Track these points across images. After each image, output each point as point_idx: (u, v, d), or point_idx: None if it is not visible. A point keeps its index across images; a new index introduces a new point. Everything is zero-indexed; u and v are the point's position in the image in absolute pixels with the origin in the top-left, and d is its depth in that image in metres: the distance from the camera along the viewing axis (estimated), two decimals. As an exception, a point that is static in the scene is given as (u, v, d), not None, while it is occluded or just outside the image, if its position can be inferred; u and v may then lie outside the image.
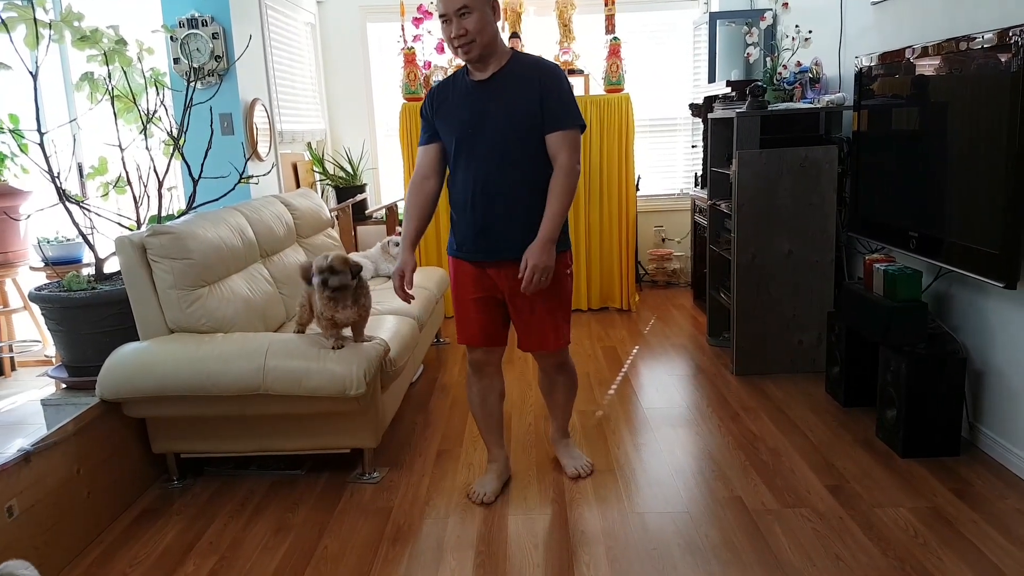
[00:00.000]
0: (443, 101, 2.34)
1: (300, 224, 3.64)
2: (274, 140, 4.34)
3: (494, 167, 2.27)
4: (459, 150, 2.31)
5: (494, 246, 2.33)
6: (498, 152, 2.27)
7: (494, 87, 2.26)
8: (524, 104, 2.25)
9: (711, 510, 2.38)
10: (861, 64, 3.15)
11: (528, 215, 2.28)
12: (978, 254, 2.41)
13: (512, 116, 2.25)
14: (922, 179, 2.75)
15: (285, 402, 2.49)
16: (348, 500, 2.53)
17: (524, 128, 2.26)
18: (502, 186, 2.28)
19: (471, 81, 2.29)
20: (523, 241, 2.26)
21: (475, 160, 2.29)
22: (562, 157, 2.26)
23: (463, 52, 2.20)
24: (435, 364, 3.95)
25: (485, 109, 2.26)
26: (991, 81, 2.33)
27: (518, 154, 2.27)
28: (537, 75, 2.26)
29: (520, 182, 2.28)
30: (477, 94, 2.28)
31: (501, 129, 2.25)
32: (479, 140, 2.27)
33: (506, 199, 2.29)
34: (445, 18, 2.18)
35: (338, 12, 5.36)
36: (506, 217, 2.30)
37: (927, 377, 2.59)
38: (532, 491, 2.55)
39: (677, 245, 5.63)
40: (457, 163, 2.34)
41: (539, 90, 2.24)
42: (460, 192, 2.35)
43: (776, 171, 3.38)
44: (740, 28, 4.58)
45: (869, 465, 2.62)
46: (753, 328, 3.53)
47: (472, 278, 2.41)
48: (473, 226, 2.33)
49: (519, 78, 2.26)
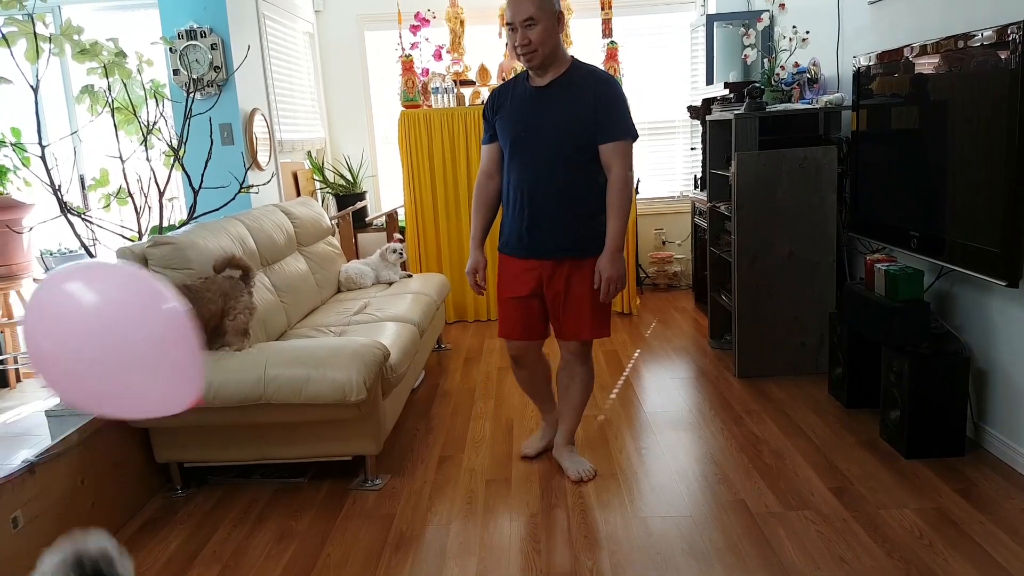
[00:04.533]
0: (503, 104, 2.47)
1: (300, 232, 3.65)
2: (274, 149, 4.35)
3: (544, 170, 2.40)
4: (513, 152, 2.45)
5: (539, 245, 2.46)
6: (550, 156, 2.39)
7: (552, 94, 2.39)
8: (579, 112, 2.36)
9: (714, 514, 2.37)
10: (859, 64, 3.15)
11: (573, 218, 2.42)
12: (979, 253, 2.41)
13: (566, 123, 2.37)
14: (922, 178, 2.74)
15: (287, 410, 2.49)
16: (351, 507, 2.53)
17: (577, 135, 2.37)
18: (550, 189, 2.41)
19: (530, 87, 2.42)
20: (567, 244, 2.44)
21: (527, 162, 2.42)
22: (616, 169, 2.38)
23: (525, 60, 2.34)
24: (436, 370, 3.95)
25: (541, 114, 2.38)
26: (990, 79, 2.33)
27: (569, 160, 2.39)
28: (593, 85, 2.37)
29: (569, 185, 2.41)
30: (535, 100, 2.40)
31: (555, 135, 2.38)
32: (533, 144, 2.40)
33: (553, 201, 2.41)
34: (511, 26, 2.32)
35: (336, 21, 5.38)
36: (552, 218, 2.42)
37: (930, 377, 2.58)
38: (534, 496, 2.54)
39: (678, 248, 5.63)
40: (511, 164, 2.47)
41: (594, 100, 2.35)
42: (511, 191, 2.48)
43: (775, 172, 3.38)
44: (737, 30, 4.59)
45: (873, 466, 2.61)
46: (755, 330, 3.52)
47: (515, 275, 2.54)
48: (520, 224, 2.47)
49: (576, 87, 2.38)
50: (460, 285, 4.84)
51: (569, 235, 2.43)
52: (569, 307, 2.50)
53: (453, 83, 4.77)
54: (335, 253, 3.97)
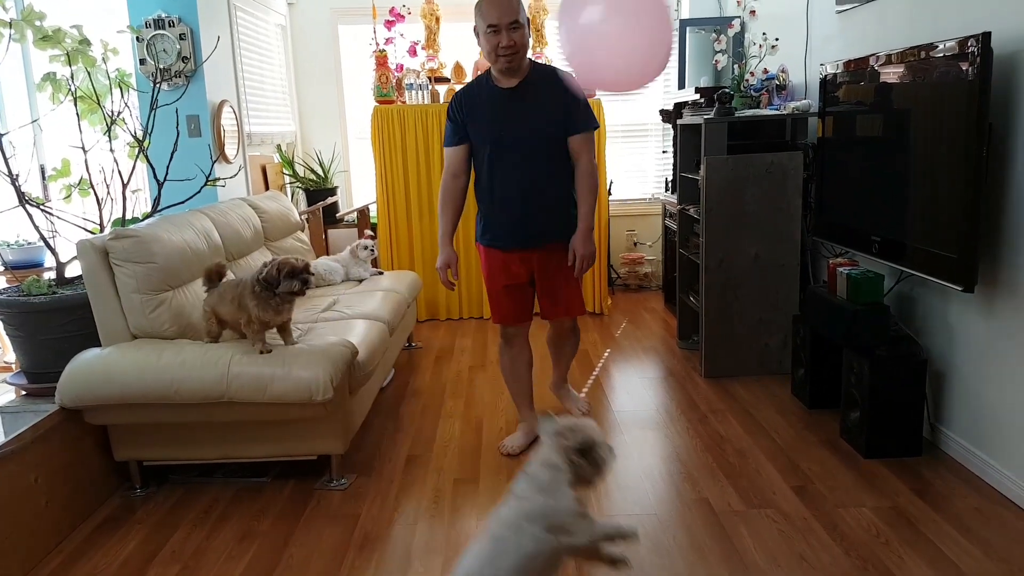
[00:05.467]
0: (472, 107, 2.60)
1: (268, 227, 3.61)
2: (242, 142, 4.29)
3: (530, 166, 2.59)
4: (495, 152, 2.60)
5: (532, 235, 2.66)
6: (532, 153, 2.58)
7: (524, 95, 2.56)
8: (551, 110, 2.56)
9: (679, 512, 2.40)
10: (826, 71, 3.21)
11: (560, 206, 2.67)
12: (938, 258, 2.46)
13: (542, 121, 2.57)
14: (884, 184, 2.80)
15: (250, 409, 2.46)
16: (315, 507, 2.51)
17: (553, 131, 2.59)
18: (538, 183, 2.61)
19: (499, 89, 2.57)
20: (556, 229, 2.67)
21: (512, 161, 2.59)
22: (584, 157, 2.63)
23: (506, 61, 2.48)
24: (406, 369, 3.93)
25: (517, 115, 2.56)
26: (951, 89, 2.38)
27: (549, 154, 2.61)
28: (558, 83, 2.56)
29: (553, 177, 2.63)
30: (508, 101, 2.57)
31: (536, 133, 2.57)
32: (514, 143, 2.58)
33: (542, 194, 2.63)
34: (495, 28, 2.44)
35: (309, 14, 5.33)
36: (543, 209, 2.64)
37: (889, 379, 2.63)
38: (502, 496, 2.54)
39: (649, 249, 5.67)
40: (493, 164, 2.61)
41: (561, 97, 2.54)
42: (498, 189, 2.64)
43: (743, 176, 3.42)
44: (709, 35, 4.63)
45: (833, 466, 2.66)
46: (721, 331, 3.56)
47: (503, 266, 2.73)
48: (512, 218, 2.65)
49: (542, 86, 2.57)
50: (432, 283, 4.82)
51: (560, 223, 2.67)
52: (562, 286, 2.76)
53: (428, 80, 4.75)
54: (304, 249, 3.93)
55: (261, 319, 2.53)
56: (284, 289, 2.52)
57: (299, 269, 2.52)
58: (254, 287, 2.53)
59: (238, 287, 2.58)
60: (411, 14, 4.87)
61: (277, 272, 2.52)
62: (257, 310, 2.51)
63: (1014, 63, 2.30)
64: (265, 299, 2.52)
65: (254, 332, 2.54)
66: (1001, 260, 2.41)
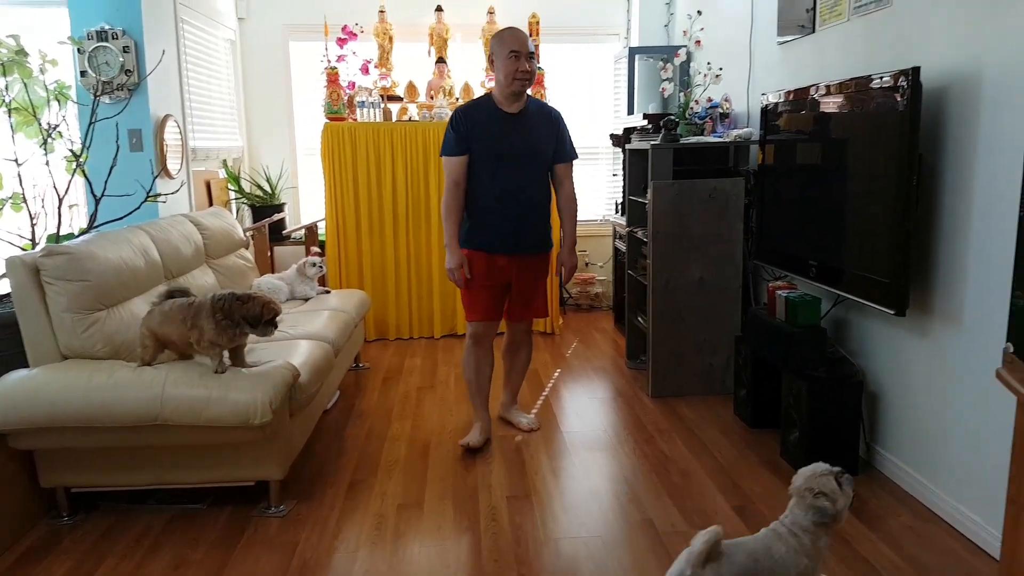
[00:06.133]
0: (475, 123, 2.91)
1: (210, 244, 3.53)
2: (186, 157, 4.21)
3: (523, 183, 2.95)
4: (496, 167, 2.92)
5: (519, 242, 2.99)
6: (527, 171, 2.96)
7: (524, 121, 2.94)
8: (546, 138, 2.98)
9: (624, 533, 2.40)
10: (766, 101, 3.30)
11: (544, 219, 3.05)
12: (871, 283, 2.54)
13: (538, 145, 2.97)
14: (821, 211, 2.88)
15: (185, 432, 2.39)
16: (252, 535, 2.44)
17: (546, 155, 3.00)
18: (529, 197, 2.97)
19: (502, 112, 2.93)
20: (539, 239, 3.06)
21: (509, 176, 2.93)
22: (568, 183, 3.09)
23: (520, 84, 2.85)
24: (353, 390, 3.87)
25: (522, 137, 2.93)
26: (884, 120, 2.47)
27: (541, 174, 3.02)
28: (548, 116, 3.02)
29: (541, 194, 3.02)
30: (513, 125, 2.93)
31: (533, 154, 2.96)
32: (517, 161, 2.93)
33: (531, 207, 2.98)
34: (516, 54, 2.81)
35: (260, 30, 5.27)
36: (531, 221, 3.00)
37: (826, 399, 2.70)
38: (447, 520, 2.51)
39: (600, 270, 5.73)
40: (495, 176, 2.93)
41: (553, 128, 3.00)
42: (493, 199, 2.94)
43: (688, 201, 3.49)
44: (657, 63, 4.74)
45: (773, 485, 2.70)
46: (667, 351, 3.61)
47: (487, 269, 3.00)
48: (507, 227, 2.96)
49: (539, 117, 2.99)
50: (382, 302, 4.78)
51: (542, 234, 3.06)
52: (534, 291, 3.12)
53: (380, 98, 4.74)
54: (247, 267, 3.85)
55: (215, 342, 2.46)
56: (259, 333, 2.49)
57: (277, 316, 2.51)
58: (215, 313, 2.45)
59: (191, 307, 2.50)
60: (364, 32, 4.87)
61: (260, 313, 2.47)
62: (213, 333, 2.45)
63: (943, 97, 2.41)
64: (224, 327, 2.45)
65: (206, 347, 2.47)
66: (932, 285, 2.50)
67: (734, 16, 4.04)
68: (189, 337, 2.47)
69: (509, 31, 2.89)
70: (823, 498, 1.75)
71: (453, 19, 5.06)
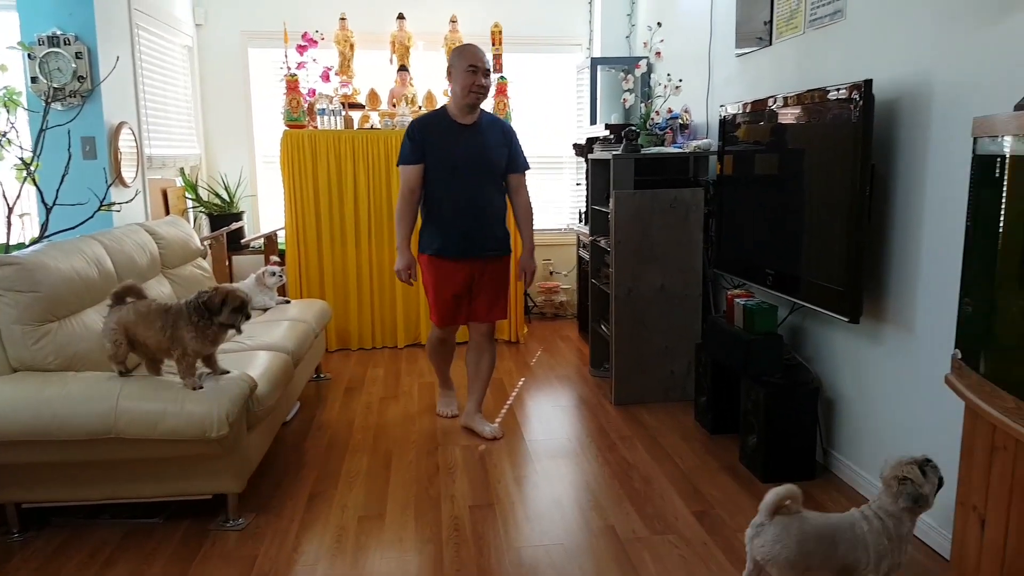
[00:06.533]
0: (430, 133, 3.08)
1: (166, 254, 3.46)
2: (142, 165, 4.13)
3: (479, 190, 3.12)
4: (452, 175, 3.09)
5: (477, 246, 3.16)
6: (481, 180, 3.12)
7: (478, 132, 3.12)
8: (498, 148, 3.16)
9: (586, 541, 2.41)
10: (725, 112, 3.37)
11: (500, 225, 3.22)
12: (826, 291, 2.60)
13: (492, 155, 3.14)
14: (777, 220, 2.95)
15: (140, 446, 2.33)
16: (210, 549, 2.39)
17: (499, 165, 3.18)
18: (484, 204, 3.14)
19: (457, 123, 3.10)
20: (496, 244, 3.21)
21: (465, 184, 3.10)
22: (523, 192, 3.28)
23: (475, 97, 3.04)
24: (313, 401, 3.83)
25: (475, 147, 3.10)
26: (837, 131, 2.53)
27: (495, 183, 3.19)
28: (501, 128, 3.21)
29: (495, 201, 3.19)
30: (468, 135, 3.10)
31: (486, 164, 3.13)
32: (471, 169, 3.09)
33: (486, 214, 3.15)
34: (474, 68, 3.00)
35: (218, 36, 5.21)
36: (485, 226, 3.16)
37: (783, 405, 2.75)
38: (409, 531, 2.50)
39: (564, 278, 5.76)
40: (450, 184, 3.10)
41: (506, 139, 3.20)
42: (451, 209, 3.11)
43: (649, 211, 3.54)
44: (618, 74, 4.80)
45: (733, 490, 2.74)
46: (630, 359, 3.65)
47: (449, 274, 3.17)
48: (461, 232, 3.12)
49: (492, 128, 3.17)
50: (343, 312, 4.74)
51: (499, 238, 3.22)
52: (494, 294, 3.26)
53: (341, 105, 4.71)
54: (204, 276, 3.78)
55: (197, 351, 2.43)
56: (225, 320, 2.44)
57: (245, 303, 2.48)
58: (191, 316, 2.41)
59: (168, 314, 2.44)
60: (324, 39, 4.84)
61: (221, 303, 2.43)
62: (195, 342, 2.41)
63: (895, 109, 2.48)
64: (203, 329, 2.42)
65: (187, 367, 2.42)
66: (885, 293, 2.57)
67: (693, 28, 4.12)
68: (164, 345, 2.43)
69: (469, 47, 3.08)
70: (909, 484, 1.86)
71: (415, 27, 5.06)
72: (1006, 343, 1.53)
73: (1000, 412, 1.49)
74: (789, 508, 1.92)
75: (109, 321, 2.46)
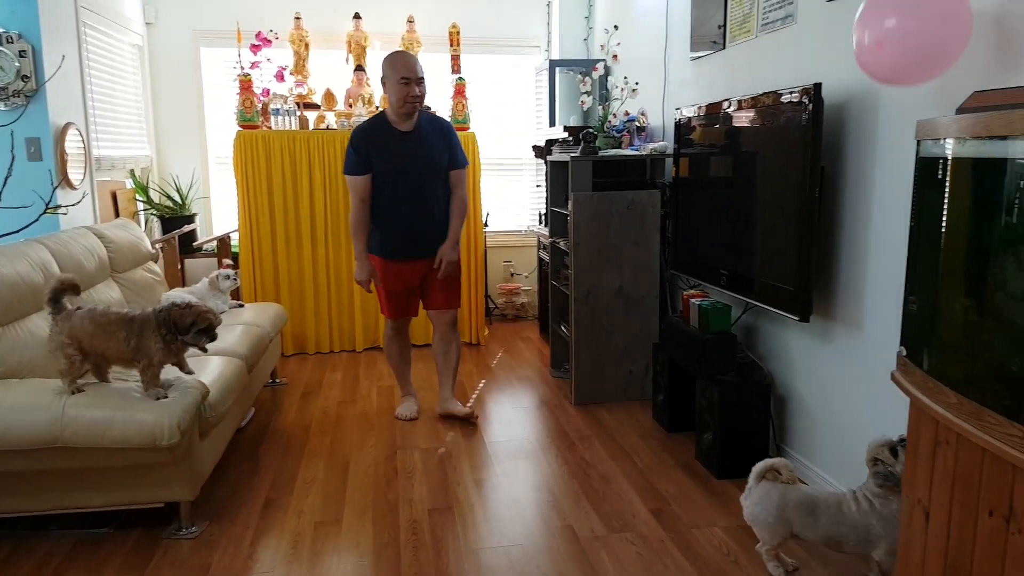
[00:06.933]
0: (373, 142, 3.15)
1: (115, 258, 3.37)
2: (89, 167, 4.02)
3: (423, 194, 3.21)
4: (396, 181, 3.17)
5: (423, 247, 3.28)
6: (425, 183, 3.21)
7: (418, 137, 3.19)
8: (439, 149, 3.23)
9: (544, 541, 2.42)
10: (680, 115, 3.42)
11: (443, 225, 3.31)
12: (777, 291, 2.66)
13: (434, 158, 3.22)
14: (730, 222, 3.00)
15: (88, 455, 2.27)
16: (162, 558, 2.33)
17: (441, 165, 3.25)
18: (428, 206, 3.23)
19: (397, 130, 3.16)
20: (439, 242, 3.29)
21: (412, 188, 3.19)
22: (461, 188, 3.36)
23: (409, 107, 3.10)
24: (269, 407, 3.77)
25: (415, 152, 3.17)
26: (788, 134, 2.58)
27: (437, 184, 3.25)
28: (440, 128, 3.27)
29: (440, 202, 3.27)
30: (407, 141, 3.17)
31: (428, 167, 3.20)
32: (412, 174, 3.18)
33: (431, 215, 3.25)
34: (407, 80, 3.04)
35: (169, 35, 5.09)
36: (431, 227, 3.27)
37: (737, 403, 2.80)
38: (366, 536, 2.47)
39: (525, 280, 5.77)
40: (396, 190, 3.18)
41: (445, 140, 3.26)
42: (399, 215, 3.21)
43: (607, 212, 3.57)
44: (576, 77, 4.83)
45: (688, 487, 2.78)
46: (589, 359, 3.67)
47: (397, 273, 3.29)
48: (412, 234, 3.24)
49: (431, 129, 3.23)
50: (299, 316, 4.67)
51: (441, 238, 3.29)
52: (446, 287, 3.40)
53: (296, 105, 4.65)
54: (155, 280, 3.69)
55: (163, 362, 2.40)
56: (191, 340, 2.42)
57: (214, 326, 2.46)
58: (160, 328, 2.36)
59: (133, 323, 2.36)
60: (279, 39, 4.77)
61: (191, 324, 2.40)
62: (161, 354, 2.37)
63: (844, 112, 2.54)
64: (169, 342, 2.39)
65: (151, 377, 2.36)
66: (834, 292, 2.63)
67: (649, 32, 4.16)
68: (127, 356, 2.37)
69: (400, 56, 3.10)
70: (880, 464, 1.99)
71: (372, 27, 5.02)
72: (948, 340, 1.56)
73: (943, 407, 1.52)
74: (779, 476, 2.14)
75: (59, 335, 2.34)
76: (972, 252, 1.47)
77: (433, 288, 3.40)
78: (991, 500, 1.40)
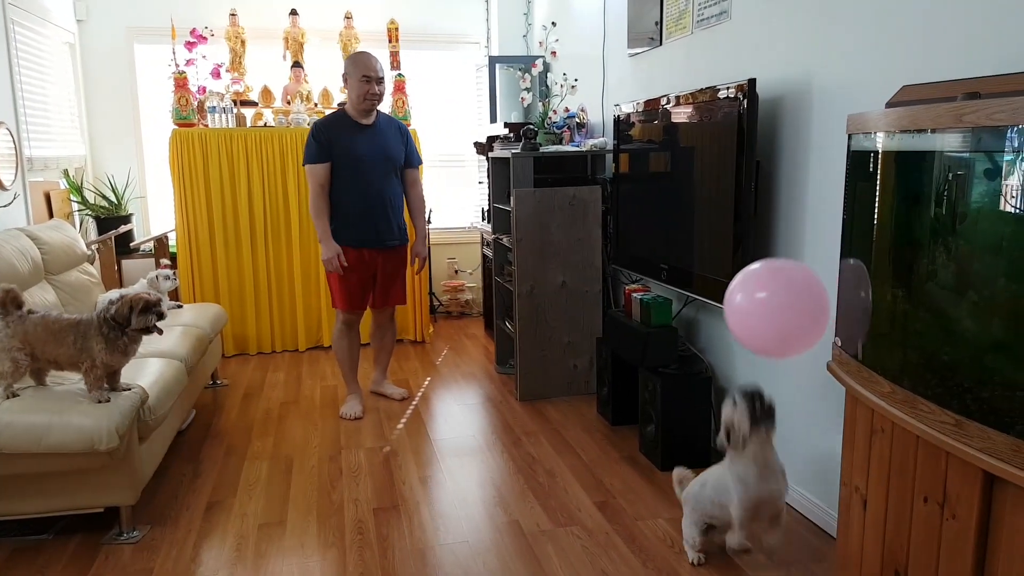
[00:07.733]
0: (334, 133, 3.31)
1: (49, 260, 3.26)
2: (21, 167, 3.86)
3: (382, 186, 3.39)
4: (357, 173, 3.33)
5: (382, 237, 3.44)
6: (384, 176, 3.40)
7: (378, 132, 3.39)
8: (396, 146, 3.44)
9: (490, 537, 2.45)
10: (619, 111, 3.48)
11: (399, 216, 3.50)
12: (715, 284, 2.74)
13: (392, 152, 3.42)
14: (669, 217, 3.07)
15: (25, 460, 2.21)
16: (103, 563, 2.28)
17: (398, 160, 3.45)
18: (387, 198, 3.42)
19: (358, 124, 3.35)
20: (397, 233, 3.49)
21: (369, 180, 3.36)
22: (417, 185, 3.61)
23: (368, 104, 3.30)
24: (210, 408, 3.70)
25: (376, 146, 3.36)
26: (724, 129, 2.64)
27: (394, 177, 3.46)
28: (397, 127, 3.50)
29: (395, 195, 3.47)
30: (368, 135, 3.36)
31: (387, 160, 3.40)
32: (372, 167, 3.35)
33: (389, 207, 3.43)
34: (368, 79, 3.25)
35: (101, 32, 4.92)
36: (389, 218, 3.44)
37: (678, 395, 2.88)
38: (311, 537, 2.46)
39: (469, 276, 5.78)
40: (355, 180, 3.34)
41: (402, 138, 3.49)
42: (357, 201, 3.36)
43: (549, 208, 3.62)
44: (515, 73, 4.86)
45: (633, 480, 2.84)
46: (534, 355, 3.72)
47: (356, 262, 3.41)
48: (368, 223, 3.38)
49: (389, 128, 3.44)
50: (240, 316, 4.59)
51: (399, 229, 3.50)
52: (395, 281, 3.59)
53: (233, 103, 4.56)
54: (91, 282, 3.58)
55: (108, 364, 2.35)
56: (138, 325, 2.37)
57: (152, 303, 2.40)
58: (101, 327, 2.33)
59: (79, 327, 2.35)
60: (214, 36, 4.67)
61: (129, 310, 2.35)
62: (105, 354, 2.33)
63: (778, 107, 2.61)
64: (113, 340, 2.35)
65: (95, 379, 2.33)
66: (763, 285, 2.72)
67: (587, 28, 4.22)
68: (76, 359, 2.34)
69: (363, 56, 3.30)
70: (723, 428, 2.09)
71: (309, 23, 4.96)
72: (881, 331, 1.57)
73: (877, 397, 1.54)
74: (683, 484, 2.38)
75: (11, 338, 2.32)
76: (902, 244, 1.49)
77: (384, 283, 3.55)
78: (926, 486, 1.43)
